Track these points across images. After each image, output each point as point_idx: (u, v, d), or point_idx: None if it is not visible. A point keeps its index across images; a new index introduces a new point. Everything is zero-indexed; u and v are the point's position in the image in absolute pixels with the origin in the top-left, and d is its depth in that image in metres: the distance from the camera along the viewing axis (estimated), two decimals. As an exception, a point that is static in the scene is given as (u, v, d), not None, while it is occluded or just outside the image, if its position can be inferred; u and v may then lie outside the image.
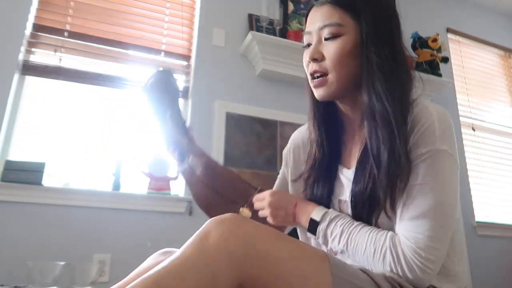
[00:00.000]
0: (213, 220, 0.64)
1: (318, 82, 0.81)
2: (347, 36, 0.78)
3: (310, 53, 0.81)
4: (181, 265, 0.58)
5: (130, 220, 1.87)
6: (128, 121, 2.13)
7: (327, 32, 0.79)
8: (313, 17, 0.83)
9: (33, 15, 2.03)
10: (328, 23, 0.79)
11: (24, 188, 1.73)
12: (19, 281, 1.55)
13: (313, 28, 0.82)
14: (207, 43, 2.32)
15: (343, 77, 0.79)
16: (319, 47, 0.81)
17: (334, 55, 0.78)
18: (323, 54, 0.80)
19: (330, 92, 0.81)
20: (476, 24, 3.43)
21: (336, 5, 0.80)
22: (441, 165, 0.72)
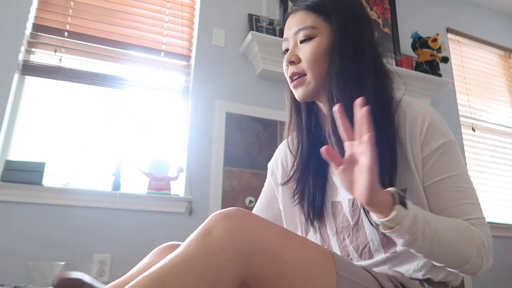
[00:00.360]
0: (217, 214, 0.62)
1: (297, 82, 0.84)
2: (321, 37, 0.82)
3: (287, 57, 0.84)
4: (184, 263, 0.57)
5: (130, 220, 1.87)
6: (128, 121, 2.13)
7: (301, 35, 0.83)
8: (289, 24, 0.87)
9: (33, 15, 2.03)
10: (302, 27, 0.83)
11: (24, 188, 1.73)
12: (19, 281, 1.55)
13: (289, 34, 0.86)
14: (207, 43, 2.32)
15: (319, 75, 0.81)
16: (295, 51, 0.84)
17: (309, 55, 0.81)
18: (299, 56, 0.83)
19: (308, 91, 0.83)
20: (476, 24, 3.43)
21: (309, 10, 0.83)
22: (457, 155, 0.78)
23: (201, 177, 2.07)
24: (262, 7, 2.34)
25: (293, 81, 0.84)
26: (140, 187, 1.99)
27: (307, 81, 0.82)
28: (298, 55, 0.83)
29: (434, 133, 0.76)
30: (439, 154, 0.75)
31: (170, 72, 2.28)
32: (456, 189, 0.74)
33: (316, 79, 0.82)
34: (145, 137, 2.14)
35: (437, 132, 0.76)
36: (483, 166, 3.06)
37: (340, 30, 0.81)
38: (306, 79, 0.82)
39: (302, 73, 0.83)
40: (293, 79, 0.84)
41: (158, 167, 2.01)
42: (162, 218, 1.94)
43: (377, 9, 2.87)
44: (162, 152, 2.12)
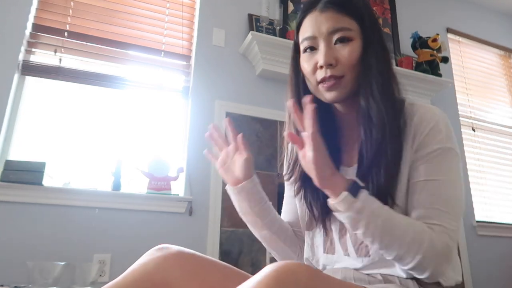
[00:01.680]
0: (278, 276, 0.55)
1: (333, 83, 0.80)
2: (356, 41, 0.80)
3: (325, 58, 0.79)
4: None
5: (130, 220, 1.87)
6: (128, 121, 2.13)
7: (338, 36, 0.80)
8: (317, 21, 0.82)
9: (33, 15, 2.03)
10: (339, 27, 0.80)
11: (24, 188, 1.73)
12: (19, 281, 1.56)
13: (318, 32, 0.81)
14: (207, 43, 2.32)
15: (355, 79, 0.81)
16: (333, 52, 0.80)
17: (349, 58, 0.79)
18: (337, 58, 0.80)
19: (343, 94, 0.81)
20: (476, 24, 3.43)
21: (343, 11, 0.81)
22: (450, 163, 0.76)
23: (201, 177, 2.07)
24: (262, 7, 2.34)
25: (326, 83, 0.80)
26: (140, 187, 1.99)
27: (343, 84, 0.80)
28: (337, 57, 0.80)
29: (433, 137, 0.76)
30: (431, 157, 0.76)
31: (170, 72, 2.28)
32: (433, 193, 0.74)
33: (352, 82, 0.80)
34: (145, 137, 2.14)
35: (436, 137, 0.76)
36: (483, 166, 3.06)
37: (372, 33, 0.81)
38: (343, 81, 0.80)
39: (340, 75, 0.80)
40: (326, 81, 0.80)
41: (158, 167, 2.01)
42: (162, 218, 1.94)
43: (377, 9, 2.87)
44: (162, 152, 2.12)
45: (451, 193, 0.74)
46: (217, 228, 1.99)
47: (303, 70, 0.85)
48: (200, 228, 1.96)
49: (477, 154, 3.06)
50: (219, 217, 2.01)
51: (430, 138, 0.76)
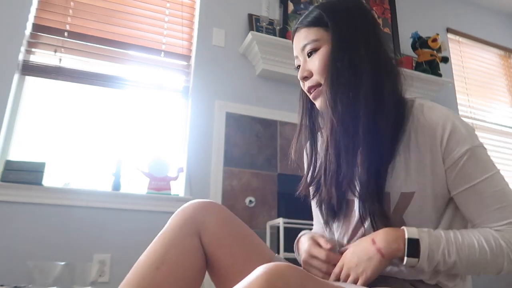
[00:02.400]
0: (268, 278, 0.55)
1: (315, 94, 0.86)
2: (324, 47, 0.83)
3: (300, 74, 0.87)
4: None
5: (130, 220, 1.87)
6: (128, 121, 2.13)
7: (308, 49, 0.86)
8: (295, 42, 0.90)
9: (33, 15, 2.03)
10: (306, 42, 0.86)
11: (24, 188, 1.73)
12: (19, 281, 1.55)
13: (297, 51, 0.89)
14: (207, 43, 2.32)
15: (333, 83, 0.80)
16: (306, 66, 0.87)
17: (318, 66, 0.83)
18: (311, 70, 0.86)
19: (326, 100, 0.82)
20: (476, 24, 3.43)
21: (310, 26, 0.86)
22: (485, 159, 0.77)
23: (201, 177, 2.07)
24: (262, 7, 2.34)
25: (311, 94, 0.87)
26: (140, 187, 1.99)
27: (323, 91, 0.83)
28: (309, 69, 0.86)
29: (456, 141, 0.75)
30: (464, 161, 0.74)
31: (170, 72, 2.28)
32: (484, 196, 0.74)
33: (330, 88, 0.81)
34: (145, 137, 2.14)
35: (459, 139, 0.75)
36: (483, 166, 3.05)
37: (335, 34, 0.82)
38: (322, 89, 0.84)
39: (317, 84, 0.85)
40: (311, 92, 0.87)
41: (158, 167, 2.01)
42: (162, 218, 1.92)
43: (377, 9, 2.87)
44: (162, 152, 2.12)
45: (498, 186, 0.75)
46: (217, 228, 1.98)
47: None
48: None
49: (477, 154, 3.06)
50: (219, 217, 2.00)
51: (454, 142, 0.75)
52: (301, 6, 2.57)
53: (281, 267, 0.55)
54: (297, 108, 0.97)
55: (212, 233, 0.83)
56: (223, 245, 0.83)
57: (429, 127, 0.77)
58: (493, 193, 0.74)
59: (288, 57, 2.32)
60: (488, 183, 0.75)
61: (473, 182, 0.75)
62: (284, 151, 2.28)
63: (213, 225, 0.84)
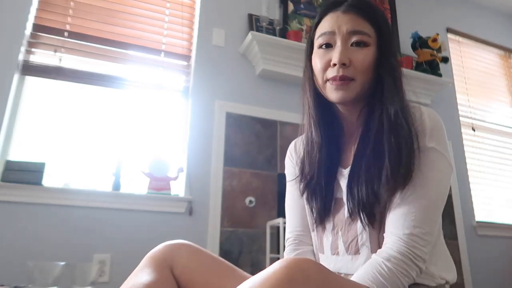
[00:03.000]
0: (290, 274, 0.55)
1: (343, 83, 0.80)
2: (372, 47, 0.82)
3: (340, 57, 0.80)
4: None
5: (130, 220, 1.87)
6: (128, 121, 2.13)
7: (356, 39, 0.81)
8: (338, 19, 0.83)
9: (33, 15, 2.03)
10: (359, 30, 0.81)
11: (24, 188, 1.73)
12: (19, 281, 1.55)
13: (338, 30, 0.82)
14: (207, 43, 2.32)
15: (365, 84, 0.81)
16: (348, 53, 0.81)
17: (363, 62, 0.80)
18: (352, 61, 0.80)
19: (350, 96, 0.81)
20: (476, 24, 3.43)
21: (364, 16, 0.82)
22: (427, 162, 0.75)
23: (201, 177, 2.07)
24: (262, 7, 2.34)
25: (337, 82, 0.81)
26: (140, 187, 1.99)
27: (353, 86, 0.81)
28: (351, 59, 0.80)
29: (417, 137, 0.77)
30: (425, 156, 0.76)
31: (170, 72, 2.28)
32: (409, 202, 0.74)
33: (362, 86, 0.81)
34: (145, 137, 2.14)
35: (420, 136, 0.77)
36: (483, 166, 3.06)
37: (387, 44, 0.83)
38: (353, 84, 0.81)
39: (351, 77, 0.80)
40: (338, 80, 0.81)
41: (158, 167, 2.01)
42: (162, 218, 1.94)
43: (377, 9, 2.86)
44: (162, 152, 2.12)
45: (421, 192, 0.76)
46: (217, 228, 1.99)
47: (314, 65, 0.86)
48: (200, 228, 1.96)
49: (477, 154, 3.06)
50: (219, 217, 2.01)
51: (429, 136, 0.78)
52: (301, 6, 2.57)
53: (300, 260, 0.55)
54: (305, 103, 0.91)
55: (183, 265, 0.83)
56: (195, 274, 0.83)
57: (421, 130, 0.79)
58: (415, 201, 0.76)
59: (288, 57, 2.32)
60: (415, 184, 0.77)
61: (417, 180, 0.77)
62: (284, 151, 2.28)
63: (183, 258, 0.84)
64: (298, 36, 2.35)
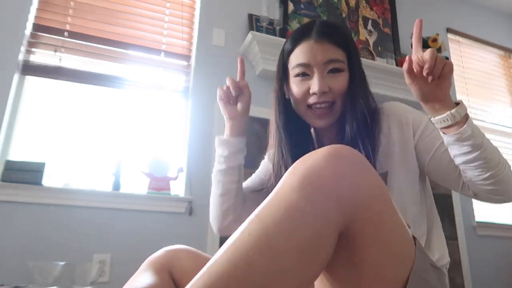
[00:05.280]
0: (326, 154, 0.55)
1: (323, 111, 0.89)
2: (345, 71, 0.89)
3: (320, 87, 0.87)
4: (287, 217, 0.50)
5: (130, 220, 1.87)
6: (128, 121, 2.13)
7: (332, 67, 0.88)
8: (312, 50, 0.88)
9: (33, 15, 2.03)
10: (333, 59, 0.88)
11: (24, 188, 1.73)
12: (19, 281, 1.55)
13: (313, 61, 0.88)
14: (207, 43, 2.32)
15: (342, 105, 0.90)
16: (327, 81, 0.88)
17: (341, 87, 0.88)
18: (331, 88, 0.88)
19: (334, 119, 0.91)
20: (476, 24, 3.43)
21: (335, 43, 0.89)
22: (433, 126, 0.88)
23: (201, 177, 2.07)
24: (262, 7, 2.34)
25: (319, 110, 0.89)
26: (140, 187, 1.99)
27: (335, 111, 0.90)
28: (330, 86, 0.88)
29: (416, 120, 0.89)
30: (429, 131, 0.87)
31: (170, 72, 2.28)
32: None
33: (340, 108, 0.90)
34: (145, 137, 2.14)
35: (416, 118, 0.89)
36: (483, 166, 3.05)
37: (356, 63, 0.91)
38: (334, 108, 0.89)
39: (332, 101, 0.89)
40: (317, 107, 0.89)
41: (158, 167, 2.01)
42: (162, 218, 1.94)
43: (377, 9, 2.87)
44: (162, 152, 2.12)
45: None
46: (217, 228, 1.98)
47: (293, 93, 0.92)
48: (200, 228, 1.96)
49: (477, 154, 3.06)
50: (219, 217, 2.00)
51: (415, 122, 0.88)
52: (301, 6, 2.57)
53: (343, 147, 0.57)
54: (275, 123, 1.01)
55: (182, 269, 0.84)
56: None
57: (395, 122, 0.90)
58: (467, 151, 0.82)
59: (288, 57, 2.31)
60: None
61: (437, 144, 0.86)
62: (284, 151, 2.28)
63: (182, 262, 0.85)
64: (298, 36, 2.35)
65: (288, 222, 0.50)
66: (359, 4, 2.80)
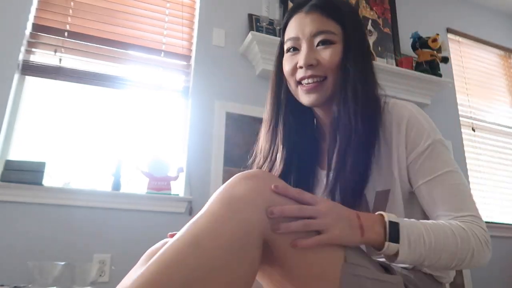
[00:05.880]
0: (240, 174, 0.63)
1: (313, 86, 0.81)
2: (339, 44, 0.81)
3: (306, 59, 0.80)
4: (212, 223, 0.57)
5: (130, 220, 1.87)
6: (128, 121, 2.13)
7: (321, 38, 0.81)
8: (301, 22, 0.83)
9: (33, 15, 2.03)
10: (322, 30, 0.81)
11: (24, 188, 1.73)
12: (19, 281, 1.55)
13: (301, 34, 0.83)
14: (207, 43, 2.32)
15: (335, 82, 0.81)
16: (314, 54, 0.81)
17: (331, 60, 0.80)
18: (318, 60, 0.81)
19: (322, 97, 0.82)
20: (476, 24, 3.43)
21: (327, 15, 0.82)
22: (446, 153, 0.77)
23: (201, 177, 2.07)
24: (262, 7, 2.34)
25: (307, 85, 0.82)
26: (140, 187, 1.99)
27: (325, 87, 0.81)
28: (318, 59, 0.81)
29: (420, 135, 0.76)
30: (426, 154, 0.75)
31: (170, 72, 2.28)
32: (447, 187, 0.73)
33: (333, 85, 0.81)
34: (145, 137, 2.14)
35: (422, 133, 0.76)
36: (483, 166, 3.05)
37: (353, 38, 0.82)
38: (325, 84, 0.81)
39: (322, 75, 0.81)
40: (305, 83, 0.82)
41: (158, 167, 2.01)
42: (162, 218, 1.94)
43: (377, 9, 2.87)
44: (162, 152, 2.12)
45: (458, 180, 0.75)
46: (217, 228, 1.98)
47: (284, 70, 0.87)
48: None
49: (477, 154, 3.06)
50: (219, 217, 2.00)
51: (418, 137, 0.76)
52: (301, 6, 2.57)
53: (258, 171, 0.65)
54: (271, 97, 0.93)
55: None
56: None
57: (396, 123, 0.78)
58: (454, 186, 0.74)
59: (288, 57, 2.31)
60: (450, 176, 0.74)
61: (435, 174, 0.74)
62: (284, 151, 2.28)
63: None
64: (298, 36, 2.35)
65: (213, 226, 0.56)
66: (359, 4, 2.80)
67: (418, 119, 0.78)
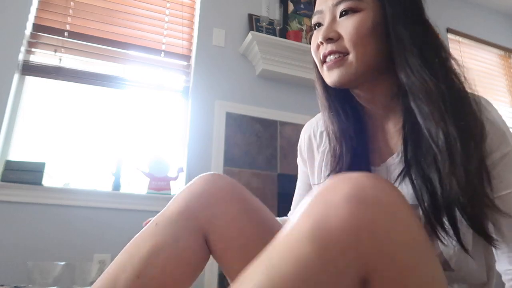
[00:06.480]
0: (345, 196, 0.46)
1: (334, 61, 0.68)
2: (367, 12, 0.67)
3: (324, 33, 0.68)
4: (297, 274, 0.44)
5: (130, 220, 1.87)
6: (128, 121, 2.13)
7: (344, 7, 0.68)
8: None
9: (33, 15, 2.03)
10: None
11: (24, 188, 1.73)
12: (19, 281, 1.55)
13: (325, 6, 0.71)
14: (207, 43, 2.32)
15: (363, 58, 0.67)
16: (334, 26, 0.69)
17: (353, 31, 0.66)
18: (339, 33, 0.68)
19: (347, 74, 0.67)
20: (476, 24, 3.43)
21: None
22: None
23: (201, 177, 2.06)
24: (262, 7, 2.34)
25: (328, 62, 0.69)
26: (140, 187, 1.99)
27: (348, 62, 0.67)
28: (339, 31, 0.68)
29: (500, 139, 0.65)
30: (504, 162, 0.63)
31: (170, 72, 2.28)
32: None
33: (360, 61, 0.67)
34: (145, 137, 2.14)
35: (505, 139, 0.65)
36: (483, 166, 3.05)
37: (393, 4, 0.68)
38: (347, 59, 0.67)
39: (344, 51, 0.67)
40: (328, 60, 0.69)
41: (158, 167, 2.01)
42: (162, 218, 1.94)
43: (377, 9, 2.86)
44: (162, 152, 2.12)
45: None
46: (217, 228, 1.98)
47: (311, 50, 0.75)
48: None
49: (477, 154, 3.06)
50: (219, 217, 2.00)
51: (497, 141, 0.65)
52: (301, 6, 2.57)
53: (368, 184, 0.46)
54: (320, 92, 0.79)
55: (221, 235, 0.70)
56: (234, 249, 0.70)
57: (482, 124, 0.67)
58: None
59: (288, 57, 2.31)
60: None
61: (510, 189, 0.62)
62: (284, 151, 2.28)
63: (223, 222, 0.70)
64: (298, 36, 2.35)
65: (298, 280, 0.43)
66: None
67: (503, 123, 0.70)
